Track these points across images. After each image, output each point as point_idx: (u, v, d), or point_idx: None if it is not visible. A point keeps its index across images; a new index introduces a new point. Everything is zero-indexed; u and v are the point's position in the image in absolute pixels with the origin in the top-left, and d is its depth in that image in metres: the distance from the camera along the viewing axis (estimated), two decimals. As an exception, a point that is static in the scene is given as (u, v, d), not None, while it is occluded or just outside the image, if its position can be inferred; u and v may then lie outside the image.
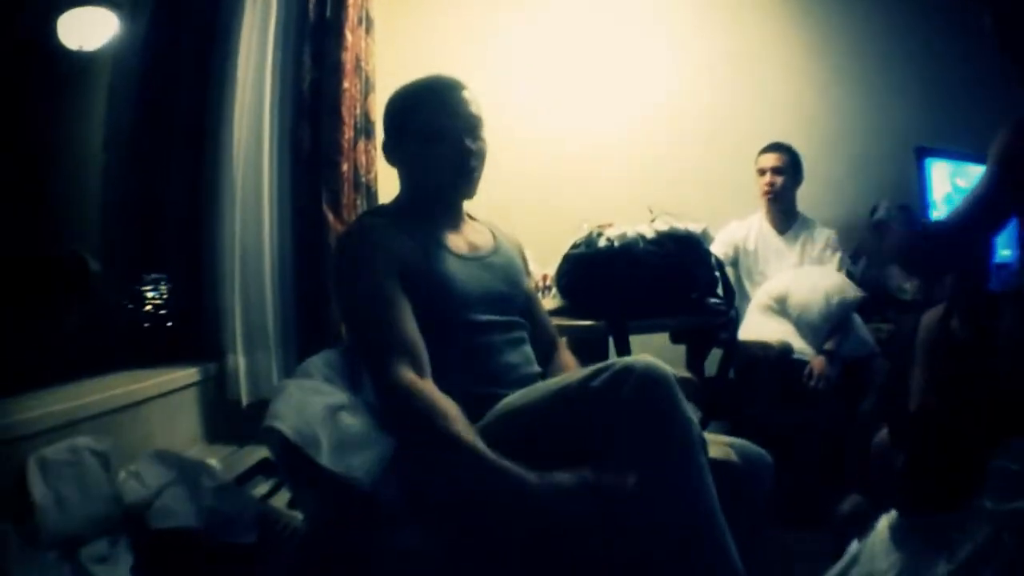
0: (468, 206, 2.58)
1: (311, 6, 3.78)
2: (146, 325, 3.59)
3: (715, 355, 4.15)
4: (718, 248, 4.31)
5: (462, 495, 1.99)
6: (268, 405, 2.12)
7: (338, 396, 2.19)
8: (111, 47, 3.97)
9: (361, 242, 2.33)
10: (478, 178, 2.45)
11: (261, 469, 3.22)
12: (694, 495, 1.85)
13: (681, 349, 4.20)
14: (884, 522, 2.36)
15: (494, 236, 2.60)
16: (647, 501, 1.84)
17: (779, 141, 4.66)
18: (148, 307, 3.60)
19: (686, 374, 3.92)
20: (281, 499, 3.04)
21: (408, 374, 2.10)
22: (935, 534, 2.17)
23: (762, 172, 4.63)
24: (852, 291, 4.22)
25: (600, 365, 1.97)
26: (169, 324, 3.63)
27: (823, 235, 4.57)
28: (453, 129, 2.38)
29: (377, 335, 2.18)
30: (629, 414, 1.87)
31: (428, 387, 2.10)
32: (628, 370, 1.89)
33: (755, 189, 4.68)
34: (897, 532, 2.30)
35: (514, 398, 2.18)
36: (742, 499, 2.05)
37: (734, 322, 4.06)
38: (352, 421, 2.11)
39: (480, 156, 2.43)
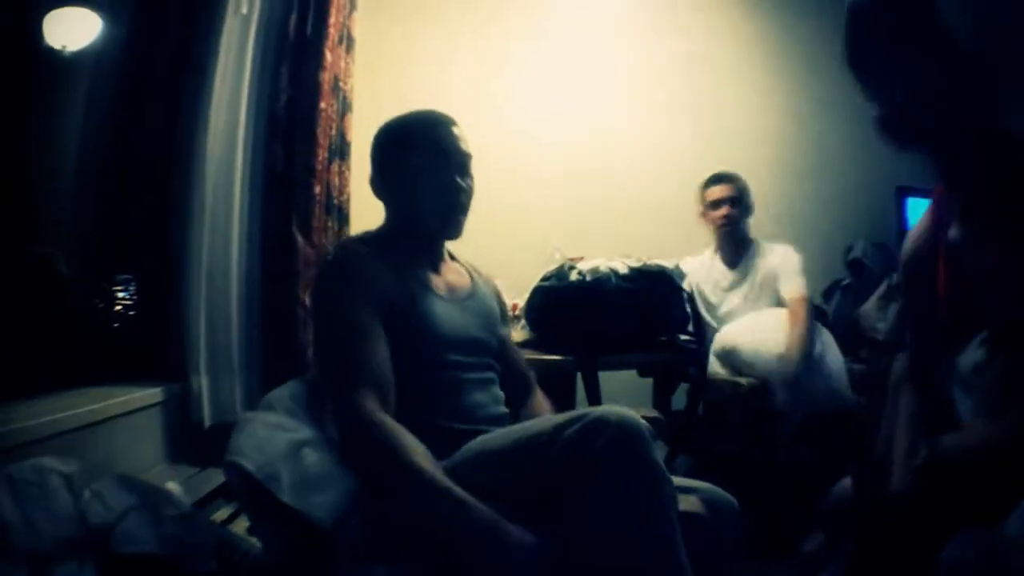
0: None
1: (292, 23, 3.76)
2: (115, 326, 3.60)
3: (683, 387, 4.18)
4: None
5: (423, 531, 1.98)
6: (230, 429, 2.10)
7: (301, 432, 2.17)
8: (89, 49, 3.94)
9: (343, 269, 2.31)
10: (465, 217, 2.44)
11: (222, 493, 3.19)
12: (666, 552, 1.84)
13: (647, 382, 4.20)
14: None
15: (472, 278, 2.59)
16: (615, 554, 1.83)
17: (723, 171, 4.56)
18: (117, 308, 3.60)
19: (652, 412, 3.92)
20: (241, 525, 3.00)
21: (370, 404, 2.07)
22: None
23: (715, 205, 4.49)
24: (797, 350, 3.99)
25: (573, 414, 1.94)
26: (134, 335, 3.62)
27: (775, 257, 4.43)
28: (443, 167, 2.37)
29: (344, 364, 2.16)
30: (602, 467, 1.83)
31: (389, 419, 2.08)
32: (602, 421, 1.86)
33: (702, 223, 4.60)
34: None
35: (483, 441, 2.16)
36: (707, 550, 2.04)
37: (703, 357, 4.07)
38: (315, 458, 2.09)
39: (469, 194, 2.42)
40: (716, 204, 4.48)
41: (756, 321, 4.22)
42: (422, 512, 1.96)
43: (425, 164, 2.37)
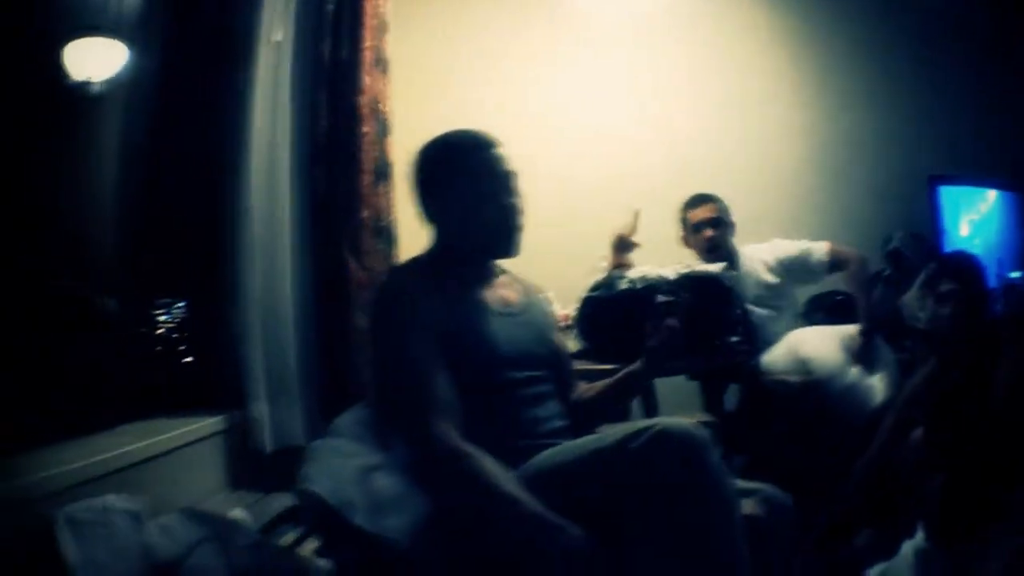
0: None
1: (326, 48, 3.77)
2: (166, 356, 3.62)
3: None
4: None
5: (499, 551, 2.00)
6: (291, 455, 2.12)
7: (370, 457, 2.20)
8: (126, 80, 3.94)
9: (396, 300, 2.33)
10: (520, 235, 2.46)
11: (287, 518, 3.17)
12: (729, 556, 1.86)
13: (695, 384, 4.21)
14: (908, 547, 2.40)
15: (525, 291, 2.60)
16: (680, 563, 1.84)
17: (702, 192, 4.49)
18: (165, 335, 3.63)
19: (705, 417, 3.92)
20: (308, 549, 2.99)
21: (446, 431, 2.10)
22: (958, 560, 2.21)
23: (700, 227, 4.43)
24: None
25: (637, 426, 1.97)
26: (187, 365, 3.65)
27: (766, 255, 4.46)
28: (493, 189, 2.40)
29: (414, 394, 2.18)
30: (666, 479, 1.86)
31: (466, 444, 2.10)
32: (666, 434, 1.89)
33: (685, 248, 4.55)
34: (921, 556, 2.33)
35: (548, 456, 2.18)
36: (766, 550, 2.05)
37: (754, 359, 4.06)
38: (386, 482, 2.12)
39: (520, 212, 2.43)
40: (699, 226, 4.43)
41: (821, 331, 4.23)
42: (507, 533, 1.98)
43: (474, 188, 2.39)
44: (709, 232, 4.39)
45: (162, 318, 3.69)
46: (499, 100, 5.16)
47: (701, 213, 4.43)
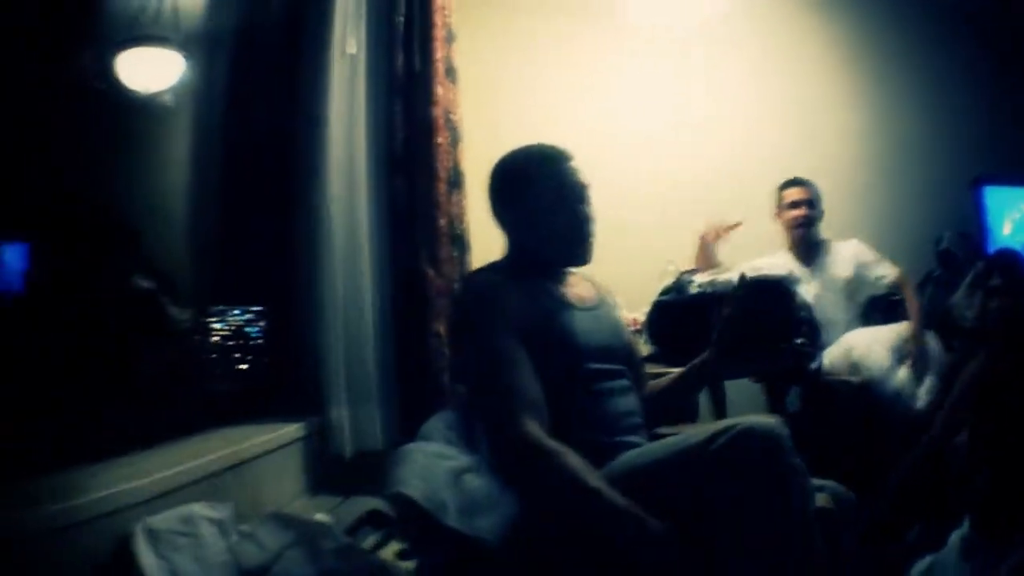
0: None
1: (399, 60, 3.84)
2: (244, 363, 3.69)
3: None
4: None
5: (585, 549, 2.04)
6: (370, 458, 2.16)
7: (460, 459, 2.23)
8: (205, 92, 4.00)
9: (478, 302, 2.37)
10: (592, 245, 2.50)
11: (368, 520, 3.19)
12: (807, 548, 1.91)
13: (757, 386, 4.23)
14: (955, 538, 2.44)
15: (597, 290, 2.65)
16: (763, 556, 1.89)
17: (799, 176, 4.67)
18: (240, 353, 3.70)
19: (773, 417, 3.96)
20: (390, 551, 3.03)
21: (533, 429, 2.13)
22: (1002, 551, 2.24)
23: (793, 205, 4.61)
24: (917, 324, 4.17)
25: (719, 426, 1.99)
26: (264, 372, 3.74)
27: (848, 251, 4.59)
28: (568, 201, 2.44)
29: (500, 394, 2.20)
30: (751, 474, 1.91)
31: (553, 442, 2.14)
32: (749, 432, 1.92)
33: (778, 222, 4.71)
34: (966, 546, 2.37)
35: (632, 457, 2.21)
36: (835, 541, 2.10)
37: (817, 359, 4.09)
38: (476, 483, 2.14)
39: (593, 222, 2.48)
40: (793, 205, 4.61)
41: (875, 333, 4.25)
42: (593, 529, 2.02)
43: (550, 200, 2.44)
44: (801, 211, 4.58)
45: (246, 328, 3.76)
46: (559, 107, 5.19)
47: (795, 193, 4.62)
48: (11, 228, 2.90)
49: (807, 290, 4.48)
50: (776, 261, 4.63)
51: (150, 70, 3.93)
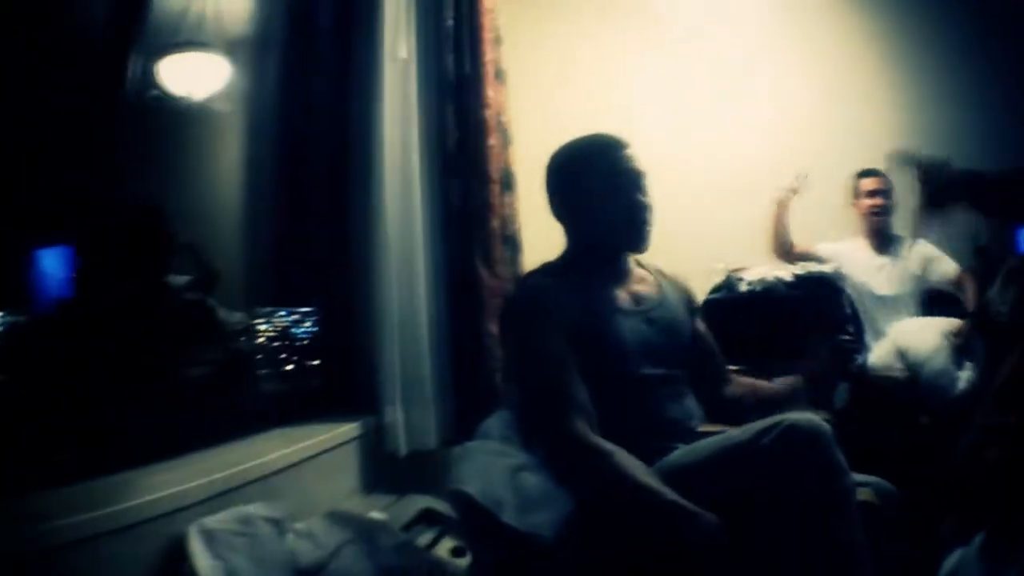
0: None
1: (449, 63, 3.88)
2: (290, 368, 3.75)
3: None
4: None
5: (638, 545, 2.07)
6: (424, 458, 2.18)
7: (518, 457, 2.26)
8: (257, 97, 4.04)
9: (530, 305, 2.40)
10: (650, 231, 2.53)
11: (422, 519, 3.25)
12: (851, 542, 1.95)
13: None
14: (979, 538, 2.46)
15: (660, 285, 2.66)
16: (809, 549, 1.93)
17: (875, 167, 4.72)
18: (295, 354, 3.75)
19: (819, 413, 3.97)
20: (443, 548, 3.06)
21: (582, 429, 2.16)
22: (1015, 552, 2.26)
23: (871, 194, 4.72)
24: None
25: (766, 423, 2.04)
26: (318, 371, 3.79)
27: (920, 249, 4.66)
28: (626, 187, 2.47)
29: (549, 396, 2.24)
30: (797, 469, 1.95)
31: (602, 441, 2.17)
32: (795, 428, 1.97)
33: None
34: (984, 542, 2.39)
35: (681, 455, 2.25)
36: (877, 534, 2.13)
37: (862, 356, 4.10)
38: (533, 481, 2.18)
39: (651, 209, 2.51)
40: (871, 194, 4.72)
41: (925, 322, 4.27)
42: (645, 524, 2.05)
43: (608, 187, 2.47)
44: (877, 200, 4.72)
45: (292, 330, 3.81)
46: (605, 106, 5.20)
47: (872, 183, 4.75)
48: (56, 233, 2.92)
49: (882, 277, 4.58)
50: (852, 247, 4.71)
51: (193, 75, 3.94)
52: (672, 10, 5.31)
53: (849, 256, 4.66)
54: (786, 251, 4.62)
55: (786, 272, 3.59)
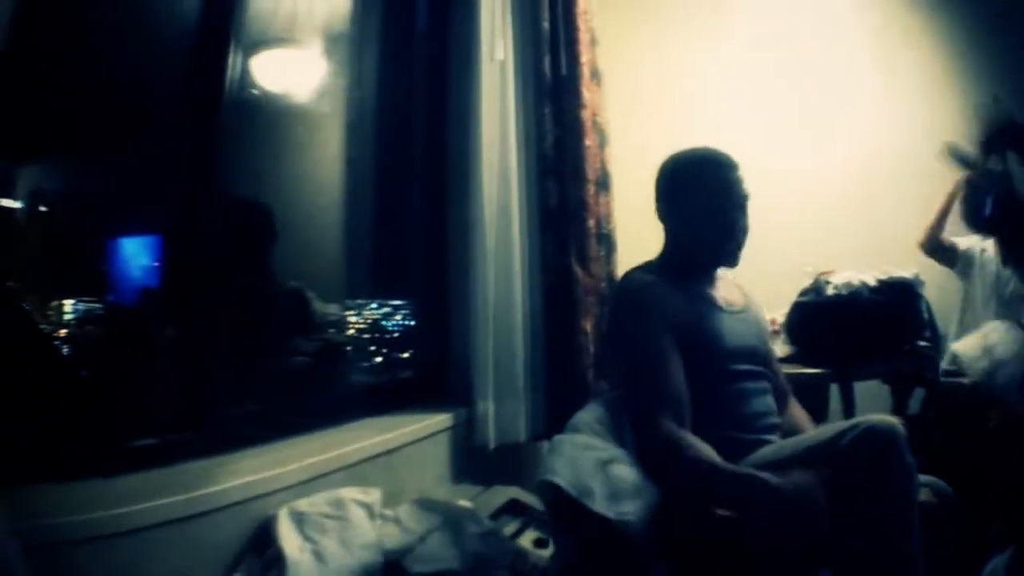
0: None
1: (546, 64, 3.93)
2: (380, 360, 3.89)
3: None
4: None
5: (720, 533, 2.17)
6: (513, 450, 2.25)
7: (608, 450, 2.35)
8: (358, 98, 4.12)
9: (637, 300, 2.52)
10: (741, 251, 2.64)
11: (507, 509, 3.29)
12: (910, 539, 2.08)
13: (883, 388, 4.25)
14: (1011, 548, 2.51)
15: (744, 295, 2.77)
16: (878, 534, 2.02)
17: None
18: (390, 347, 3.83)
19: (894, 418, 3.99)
20: (527, 538, 3.12)
21: (669, 424, 2.28)
22: None
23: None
24: None
25: (844, 425, 2.18)
26: (411, 363, 3.91)
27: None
28: (729, 208, 2.60)
29: (647, 388, 2.36)
30: (873, 468, 2.06)
31: (685, 433, 2.29)
32: (873, 430, 2.08)
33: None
34: (1013, 556, 2.44)
35: (763, 454, 2.35)
36: (934, 533, 2.21)
37: (936, 362, 4.11)
38: (622, 472, 2.26)
39: (746, 232, 2.61)
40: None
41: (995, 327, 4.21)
42: (738, 504, 2.16)
43: (713, 205, 2.60)
44: None
45: (382, 322, 3.90)
46: (698, 107, 5.25)
47: None
48: (152, 223, 2.99)
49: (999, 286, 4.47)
50: (986, 243, 4.60)
51: (293, 74, 4.01)
52: (764, 14, 5.33)
53: (984, 255, 4.58)
54: (935, 242, 4.55)
55: (870, 276, 3.61)
